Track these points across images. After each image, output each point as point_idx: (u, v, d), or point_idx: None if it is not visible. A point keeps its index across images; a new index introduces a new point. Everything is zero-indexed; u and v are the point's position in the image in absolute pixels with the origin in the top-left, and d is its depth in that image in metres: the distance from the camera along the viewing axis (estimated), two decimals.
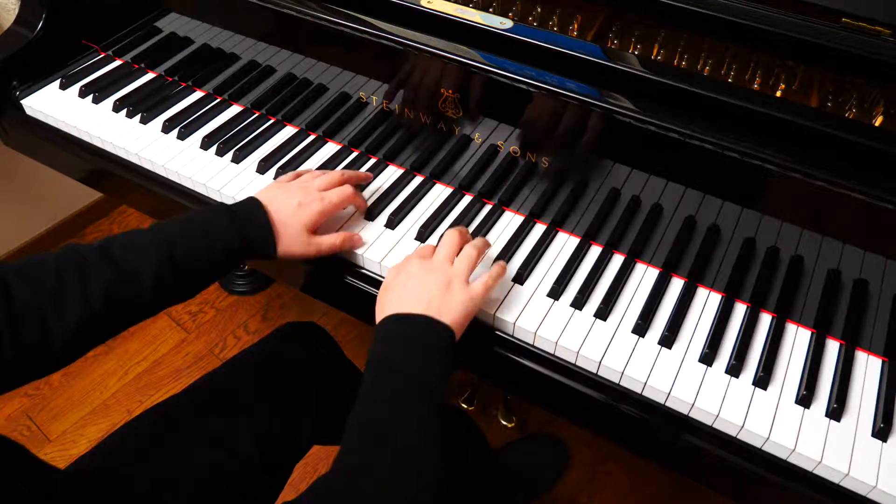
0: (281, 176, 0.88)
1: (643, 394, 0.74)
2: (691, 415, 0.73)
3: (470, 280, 0.75)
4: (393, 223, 0.89)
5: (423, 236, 0.87)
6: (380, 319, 0.72)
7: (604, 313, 0.79)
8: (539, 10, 0.88)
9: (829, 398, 0.72)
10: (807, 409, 0.71)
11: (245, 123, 1.03)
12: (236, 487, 0.82)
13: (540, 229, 0.89)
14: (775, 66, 0.80)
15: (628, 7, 0.85)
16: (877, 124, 0.75)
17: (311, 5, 0.88)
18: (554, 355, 0.78)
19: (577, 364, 0.77)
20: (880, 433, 0.69)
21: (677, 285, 0.83)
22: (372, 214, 0.90)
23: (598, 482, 1.43)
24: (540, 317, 0.78)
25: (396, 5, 0.85)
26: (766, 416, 0.70)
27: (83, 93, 1.08)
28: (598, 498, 1.41)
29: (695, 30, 0.81)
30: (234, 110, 1.06)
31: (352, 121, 0.98)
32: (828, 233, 0.73)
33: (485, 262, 0.83)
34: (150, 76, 1.13)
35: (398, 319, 0.70)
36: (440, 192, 0.94)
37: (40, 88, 1.09)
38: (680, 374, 0.74)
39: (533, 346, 0.79)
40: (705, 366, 0.75)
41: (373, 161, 0.98)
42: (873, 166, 0.67)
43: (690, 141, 0.72)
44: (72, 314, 0.65)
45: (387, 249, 0.86)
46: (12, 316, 0.62)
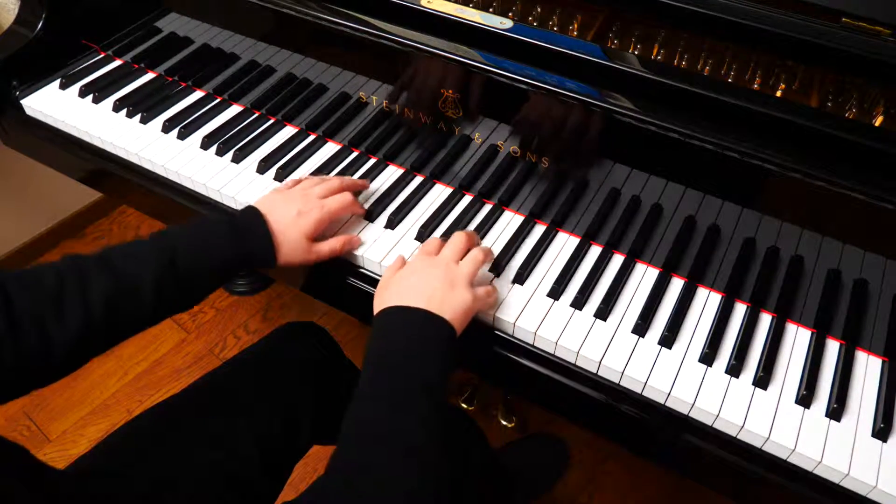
0: (279, 185, 0.88)
1: (643, 394, 0.74)
2: (691, 415, 0.73)
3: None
4: (393, 223, 0.89)
5: (423, 236, 0.87)
6: (378, 311, 0.72)
7: (604, 313, 0.79)
8: (539, 10, 0.88)
9: (830, 398, 0.72)
10: (807, 409, 0.71)
11: (245, 123, 1.03)
12: (236, 487, 0.82)
13: (540, 229, 0.89)
14: (775, 66, 0.80)
15: (628, 7, 0.85)
16: (877, 124, 0.75)
17: (311, 5, 0.88)
18: (554, 355, 0.78)
19: (577, 364, 0.77)
20: (880, 433, 0.69)
21: (677, 285, 0.83)
22: (372, 215, 0.90)
23: (598, 482, 1.43)
24: (540, 317, 0.78)
25: (396, 5, 0.85)
26: (766, 416, 0.70)
27: (83, 93, 1.08)
28: (598, 498, 1.41)
29: (695, 30, 0.81)
30: (234, 110, 1.06)
31: (352, 121, 0.98)
32: (828, 233, 0.73)
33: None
34: (150, 76, 1.13)
35: (398, 312, 0.70)
36: (440, 192, 0.94)
37: (40, 88, 1.09)
38: (680, 374, 0.74)
39: (533, 346, 0.79)
40: (705, 366, 0.75)
41: (373, 161, 0.98)
42: (873, 166, 0.67)
43: (690, 141, 0.72)
44: (72, 322, 0.65)
45: (387, 249, 0.86)
46: (12, 323, 0.62)
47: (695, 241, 0.81)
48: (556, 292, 0.81)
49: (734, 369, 0.74)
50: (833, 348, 0.77)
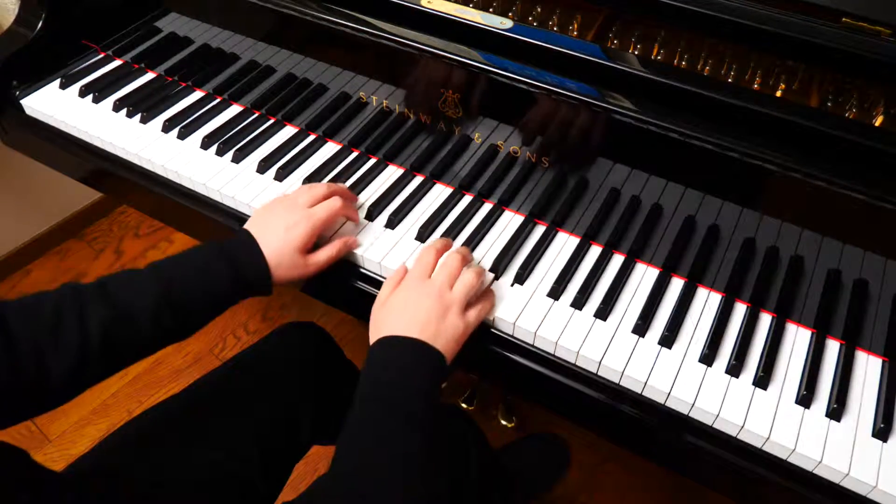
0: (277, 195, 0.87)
1: (643, 394, 0.74)
2: (691, 415, 0.73)
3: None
4: (393, 223, 0.89)
5: (423, 236, 0.87)
6: (374, 339, 0.73)
7: (604, 313, 0.79)
8: (539, 10, 0.88)
9: (830, 398, 0.72)
10: (807, 410, 0.71)
11: (245, 123, 1.03)
12: (236, 487, 0.82)
13: (540, 229, 0.89)
14: (775, 66, 0.80)
15: (628, 7, 0.85)
16: (877, 124, 0.75)
17: (311, 5, 0.88)
18: (554, 355, 0.78)
19: (577, 364, 0.77)
20: (880, 433, 0.69)
21: (677, 285, 0.83)
22: (372, 214, 0.90)
23: (598, 482, 1.43)
24: (540, 317, 0.78)
25: (396, 5, 0.85)
26: (767, 416, 0.70)
27: (83, 93, 1.08)
28: (598, 498, 1.41)
29: (695, 30, 0.81)
30: (234, 110, 1.06)
31: (352, 121, 0.98)
32: (828, 233, 0.73)
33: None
34: (150, 76, 1.13)
35: (391, 343, 0.71)
36: (440, 192, 0.94)
37: (40, 88, 1.09)
38: (680, 375, 0.74)
39: (533, 345, 0.79)
40: (705, 366, 0.75)
41: (373, 161, 0.98)
42: (873, 166, 0.67)
43: (690, 141, 0.72)
44: (70, 351, 0.65)
45: (387, 249, 0.86)
46: (10, 351, 0.62)
47: (695, 241, 0.81)
48: (556, 292, 0.81)
49: (734, 369, 0.74)
50: (833, 348, 0.77)
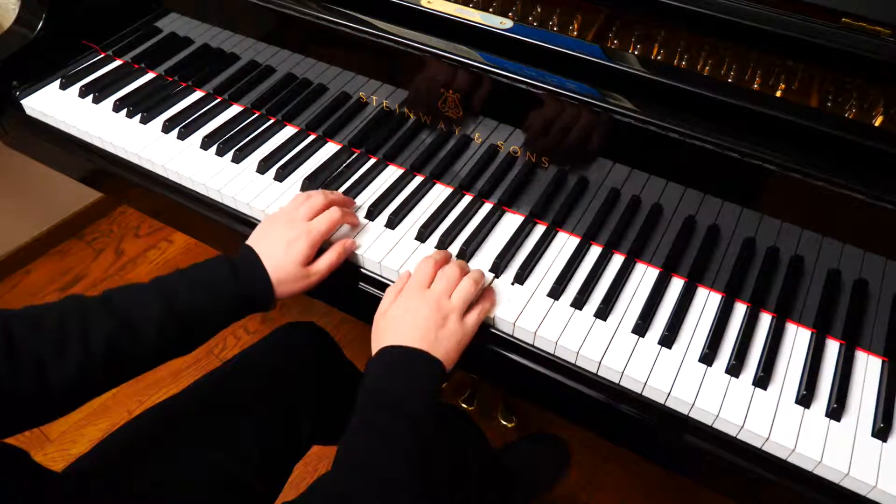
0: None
1: (643, 394, 0.74)
2: (691, 415, 0.73)
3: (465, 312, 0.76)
4: (393, 223, 0.89)
5: (423, 236, 0.87)
6: (375, 349, 0.73)
7: (604, 313, 0.79)
8: (539, 10, 0.88)
9: (829, 398, 0.72)
10: (807, 409, 0.71)
11: (245, 123, 1.03)
12: (236, 487, 0.82)
13: (540, 229, 0.89)
14: (775, 66, 0.80)
15: (628, 7, 0.85)
16: (877, 124, 0.75)
17: (311, 5, 0.88)
18: (554, 355, 0.78)
19: (577, 364, 0.77)
20: (880, 433, 0.69)
21: (677, 285, 0.83)
22: (372, 214, 0.90)
23: (598, 482, 1.43)
24: (540, 317, 0.78)
25: (396, 5, 0.85)
26: (766, 416, 0.70)
27: (83, 93, 1.08)
28: (598, 498, 1.41)
29: (695, 30, 0.81)
30: (234, 110, 1.06)
31: (352, 121, 0.98)
32: (828, 233, 0.73)
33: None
34: (150, 76, 1.13)
35: (391, 352, 0.71)
36: (440, 192, 0.94)
37: (40, 88, 1.09)
38: (680, 374, 0.74)
39: (533, 346, 0.79)
40: (705, 366, 0.75)
41: (373, 161, 0.98)
42: (873, 166, 0.67)
43: (690, 141, 0.72)
44: (72, 363, 0.65)
45: (387, 249, 0.86)
46: (13, 361, 0.62)
47: (695, 241, 0.81)
48: (556, 292, 0.81)
49: (734, 369, 0.74)
50: (833, 348, 0.77)
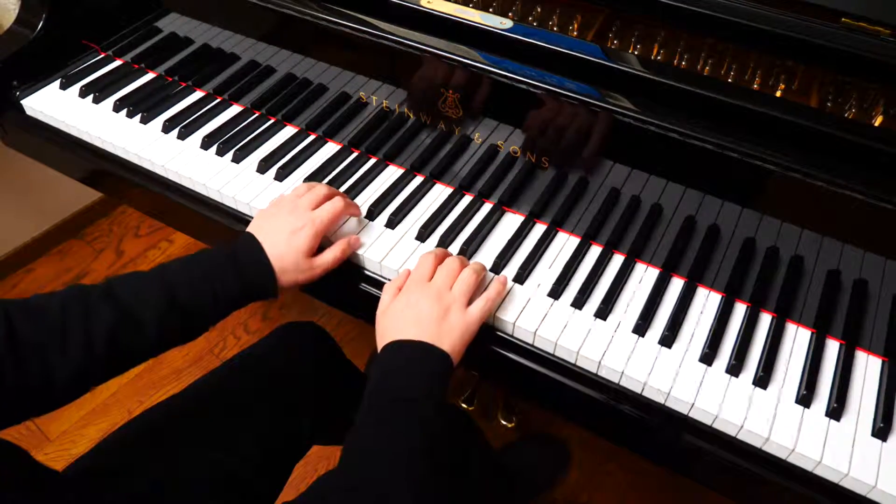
0: (273, 199, 0.87)
1: (643, 394, 0.74)
2: (691, 415, 0.73)
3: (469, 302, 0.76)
4: (393, 223, 0.89)
5: (423, 236, 0.87)
6: (381, 345, 0.73)
7: (604, 313, 0.79)
8: (539, 10, 0.88)
9: (829, 398, 0.72)
10: (807, 409, 0.71)
11: (245, 123, 1.03)
12: (236, 487, 0.82)
13: (540, 229, 0.89)
14: (775, 66, 0.80)
15: (628, 7, 0.85)
16: (877, 124, 0.75)
17: (311, 5, 0.88)
18: (554, 355, 0.78)
19: (577, 364, 0.77)
20: (880, 433, 0.69)
21: (677, 285, 0.83)
22: (372, 214, 0.90)
23: (598, 482, 1.43)
24: (540, 317, 0.78)
25: (396, 5, 0.85)
26: (766, 415, 0.70)
27: (83, 93, 1.08)
28: (598, 498, 1.41)
29: (695, 30, 0.81)
30: (234, 110, 1.06)
31: (352, 121, 0.98)
32: (828, 233, 0.73)
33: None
34: (151, 76, 1.13)
35: (397, 347, 0.71)
36: (440, 192, 0.94)
37: (40, 88, 1.09)
38: (680, 374, 0.74)
39: (533, 345, 0.79)
40: (705, 365, 0.75)
41: (373, 161, 0.98)
42: (873, 166, 0.67)
43: (690, 141, 0.72)
44: (74, 352, 0.65)
45: (387, 249, 0.86)
46: (15, 351, 0.63)
47: (695, 241, 0.81)
48: (556, 292, 0.81)
49: (734, 369, 0.74)
50: (833, 348, 0.77)
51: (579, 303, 0.80)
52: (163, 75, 1.12)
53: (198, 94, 1.09)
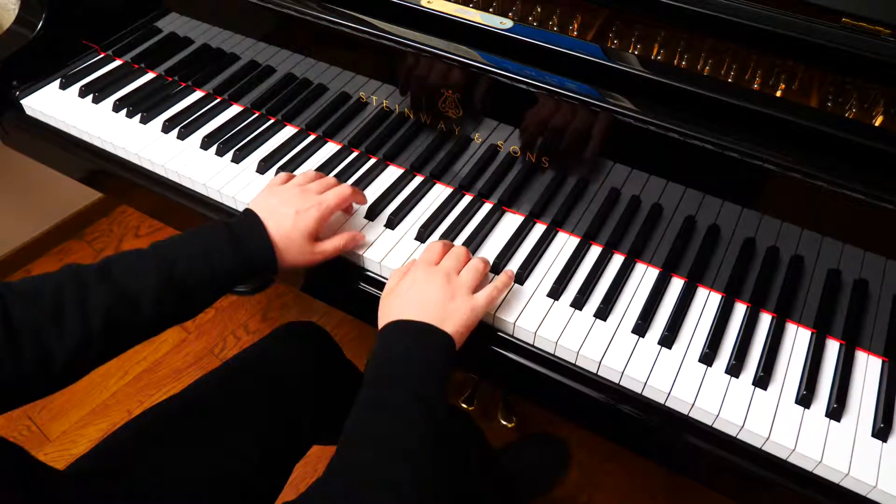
0: (273, 178, 0.87)
1: (643, 394, 0.74)
2: (691, 415, 0.73)
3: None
4: (393, 223, 0.89)
5: (423, 236, 0.87)
6: (382, 325, 0.72)
7: (604, 313, 0.79)
8: (539, 10, 0.88)
9: (829, 398, 0.72)
10: (807, 409, 0.71)
11: (245, 123, 1.03)
12: (236, 487, 0.82)
13: (540, 229, 0.89)
14: (775, 66, 0.80)
15: (628, 7, 0.85)
16: (877, 124, 0.75)
17: (311, 5, 0.88)
18: (554, 355, 0.78)
19: (577, 364, 0.77)
20: (880, 433, 0.69)
21: (677, 285, 0.83)
22: (372, 214, 0.90)
23: (598, 482, 1.43)
24: (540, 317, 0.78)
25: (396, 5, 0.85)
26: (766, 416, 0.70)
27: (83, 93, 1.08)
28: (598, 498, 1.41)
29: (695, 30, 0.81)
30: (234, 110, 1.06)
31: (352, 121, 0.98)
32: (828, 233, 0.73)
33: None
34: (150, 76, 1.13)
35: (400, 326, 0.70)
36: (440, 192, 0.94)
37: (40, 88, 1.09)
38: (680, 374, 0.74)
39: (533, 346, 0.79)
40: (705, 366, 0.75)
41: (373, 161, 0.98)
42: (873, 166, 0.67)
43: (690, 141, 0.72)
44: (71, 334, 0.65)
45: (387, 249, 0.86)
46: (11, 334, 0.62)
47: (695, 241, 0.81)
48: (556, 292, 0.81)
49: (734, 369, 0.74)
50: (833, 348, 0.77)
51: (579, 303, 0.80)
52: (163, 75, 1.12)
53: (198, 94, 1.09)
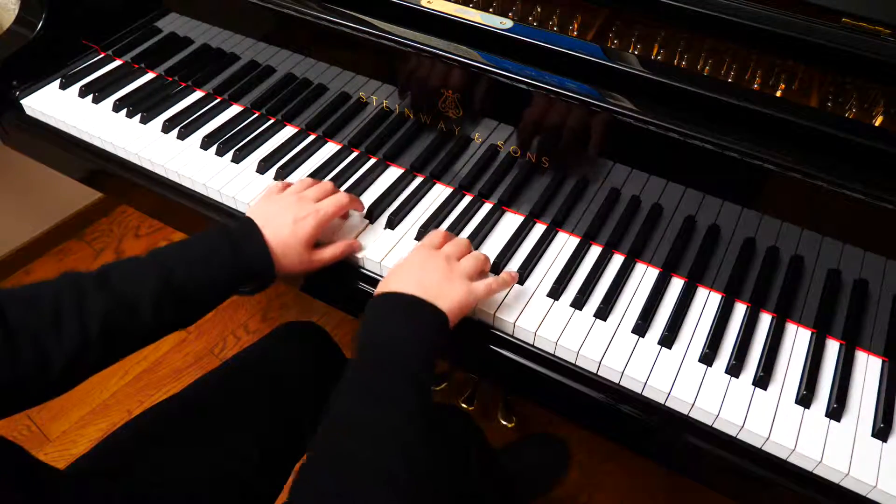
0: (270, 186, 0.87)
1: (643, 394, 0.74)
2: (691, 415, 0.73)
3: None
4: (393, 223, 0.89)
5: (422, 236, 0.87)
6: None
7: (604, 313, 0.79)
8: (539, 10, 0.88)
9: (829, 398, 0.72)
10: (807, 409, 0.71)
11: (245, 123, 1.03)
12: (236, 487, 0.82)
13: (540, 229, 0.89)
14: (775, 66, 0.80)
15: (628, 7, 0.85)
16: (877, 124, 0.75)
17: (311, 5, 0.88)
18: (554, 355, 0.78)
19: (578, 364, 0.77)
20: (880, 433, 0.69)
21: (677, 285, 0.83)
22: (372, 215, 0.90)
23: (598, 482, 1.43)
24: (540, 317, 0.78)
25: (396, 5, 0.85)
26: (766, 416, 0.70)
27: (83, 93, 1.08)
28: (598, 498, 1.41)
29: (695, 30, 0.81)
30: (234, 110, 1.06)
31: (352, 121, 0.98)
32: (828, 233, 0.73)
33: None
34: (150, 76, 1.13)
35: (390, 298, 0.70)
36: (440, 192, 0.94)
37: (40, 88, 1.09)
38: (680, 374, 0.74)
39: (533, 346, 0.79)
40: (705, 366, 0.75)
41: (373, 161, 0.98)
42: (873, 166, 0.67)
43: (690, 141, 0.72)
44: (69, 340, 0.65)
45: (387, 249, 0.86)
46: (9, 341, 0.62)
47: (695, 241, 0.81)
48: (556, 292, 0.81)
49: (734, 369, 0.74)
50: (833, 348, 0.77)
51: (579, 303, 0.80)
52: (162, 75, 1.12)
53: (198, 94, 1.09)
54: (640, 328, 0.77)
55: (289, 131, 1.03)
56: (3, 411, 0.63)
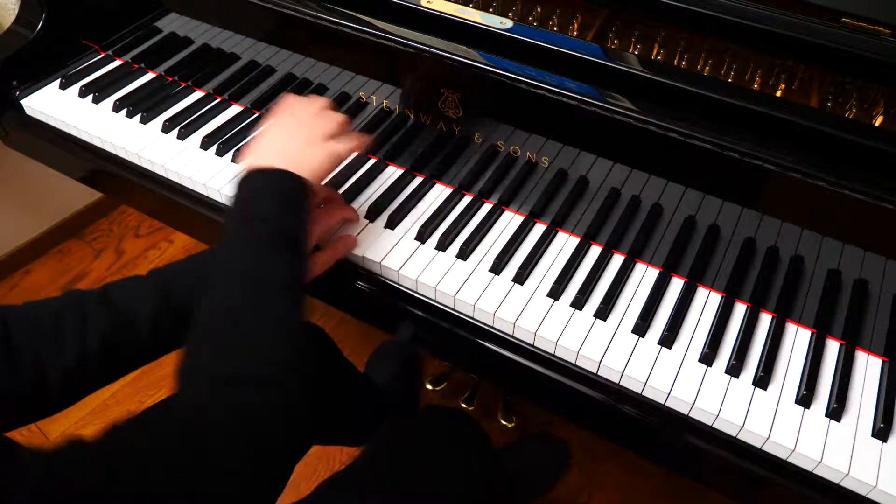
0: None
1: (643, 394, 0.74)
2: (691, 415, 0.73)
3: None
4: (393, 223, 0.88)
5: (423, 236, 0.87)
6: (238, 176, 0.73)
7: (604, 313, 0.79)
8: (539, 10, 0.88)
9: (829, 398, 0.72)
10: (807, 409, 0.71)
11: (245, 123, 1.03)
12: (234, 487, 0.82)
13: (540, 229, 0.89)
14: (775, 66, 0.80)
15: (628, 7, 0.85)
16: (877, 124, 0.75)
17: (311, 5, 0.88)
18: (554, 355, 0.78)
19: (577, 364, 0.77)
20: (880, 433, 0.69)
21: (677, 285, 0.83)
22: (372, 214, 0.90)
23: (598, 482, 1.43)
24: (540, 317, 0.78)
25: (396, 5, 0.85)
26: (766, 416, 0.70)
27: (83, 93, 1.08)
28: (598, 498, 1.41)
29: (695, 30, 0.81)
30: (234, 110, 1.06)
31: (352, 121, 0.97)
32: (828, 233, 0.73)
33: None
34: (150, 76, 1.13)
35: (254, 176, 0.71)
36: (440, 192, 0.94)
37: (40, 88, 1.09)
38: (680, 374, 0.74)
39: (533, 345, 0.79)
40: (705, 366, 0.75)
41: (373, 161, 0.98)
42: (873, 166, 0.67)
43: (690, 141, 0.72)
44: (69, 359, 0.65)
45: (386, 249, 0.86)
46: (10, 357, 0.62)
47: (695, 241, 0.81)
48: (556, 292, 0.81)
49: (734, 369, 0.74)
50: (833, 348, 0.77)
51: (579, 303, 0.80)
52: (162, 75, 1.12)
53: (198, 94, 1.09)
54: (640, 328, 0.77)
55: None
56: (5, 426, 0.63)
